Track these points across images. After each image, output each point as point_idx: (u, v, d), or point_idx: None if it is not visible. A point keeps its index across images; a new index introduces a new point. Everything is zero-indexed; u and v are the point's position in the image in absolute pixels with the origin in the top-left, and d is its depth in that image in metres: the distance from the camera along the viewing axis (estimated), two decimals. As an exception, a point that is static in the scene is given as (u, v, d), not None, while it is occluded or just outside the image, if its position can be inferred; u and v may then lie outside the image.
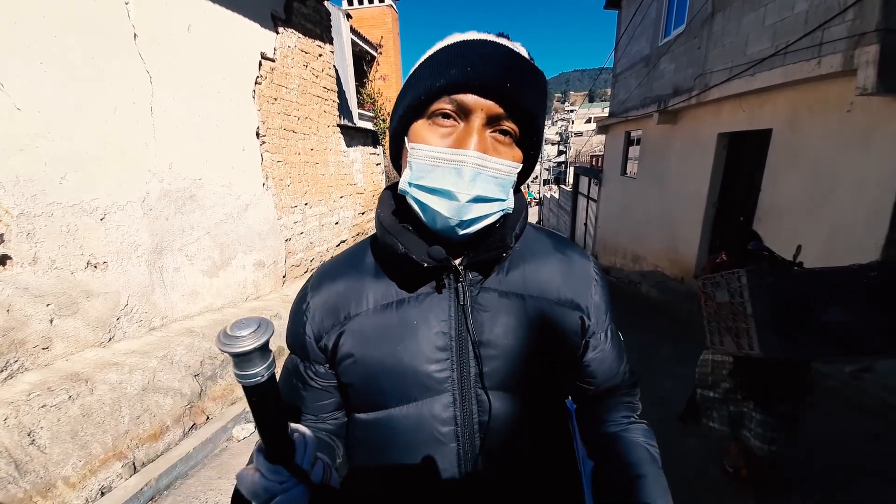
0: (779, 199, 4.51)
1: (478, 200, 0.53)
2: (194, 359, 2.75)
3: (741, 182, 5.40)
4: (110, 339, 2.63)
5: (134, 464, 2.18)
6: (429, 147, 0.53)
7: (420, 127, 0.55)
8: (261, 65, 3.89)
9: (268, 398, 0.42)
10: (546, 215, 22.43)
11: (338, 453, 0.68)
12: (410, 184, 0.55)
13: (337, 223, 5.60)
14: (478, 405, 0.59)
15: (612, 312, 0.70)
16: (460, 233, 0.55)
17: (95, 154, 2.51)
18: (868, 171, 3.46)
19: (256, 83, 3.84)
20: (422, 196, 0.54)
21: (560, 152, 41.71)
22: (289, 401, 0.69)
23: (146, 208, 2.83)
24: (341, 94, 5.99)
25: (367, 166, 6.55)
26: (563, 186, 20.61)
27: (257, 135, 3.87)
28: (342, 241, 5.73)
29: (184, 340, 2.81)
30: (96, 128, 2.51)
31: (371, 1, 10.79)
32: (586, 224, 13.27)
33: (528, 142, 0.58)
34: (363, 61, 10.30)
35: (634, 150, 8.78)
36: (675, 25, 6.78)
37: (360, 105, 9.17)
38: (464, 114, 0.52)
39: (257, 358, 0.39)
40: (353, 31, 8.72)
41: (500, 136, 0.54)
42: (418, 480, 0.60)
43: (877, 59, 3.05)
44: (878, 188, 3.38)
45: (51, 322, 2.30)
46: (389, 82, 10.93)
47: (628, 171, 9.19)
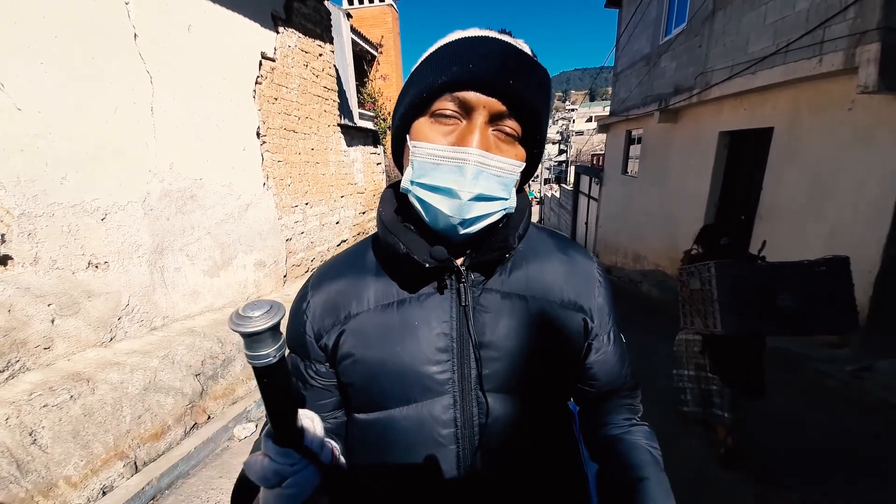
0: (780, 197, 4.50)
1: (480, 199, 0.52)
2: (195, 358, 2.76)
3: (742, 181, 5.39)
4: (112, 339, 2.63)
5: (135, 463, 2.19)
6: (430, 145, 0.53)
7: (422, 125, 0.54)
8: (261, 64, 3.89)
9: (278, 380, 0.42)
10: (547, 214, 22.42)
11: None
12: (412, 182, 0.54)
13: (338, 223, 5.60)
14: (478, 407, 0.58)
15: (614, 315, 0.70)
16: (462, 232, 0.55)
17: (96, 154, 2.52)
18: (869, 170, 3.46)
19: (257, 83, 3.85)
20: (424, 194, 0.53)
21: (561, 151, 41.72)
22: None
23: (147, 208, 2.84)
24: (342, 93, 5.99)
25: (368, 166, 6.55)
26: (563, 185, 20.60)
27: (258, 134, 3.88)
28: (343, 241, 5.73)
29: (185, 340, 2.82)
30: (97, 128, 2.52)
31: (371, 0, 10.78)
32: (587, 223, 13.26)
33: (532, 140, 0.57)
34: (363, 61, 10.30)
35: (635, 149, 8.76)
36: (676, 24, 6.77)
37: (361, 105, 9.17)
38: (466, 111, 0.52)
39: (268, 339, 0.40)
40: (354, 30, 8.72)
41: (503, 135, 0.54)
42: (418, 482, 0.59)
43: (878, 57, 3.05)
44: (879, 186, 3.37)
45: (52, 322, 2.30)
46: (390, 82, 10.92)
47: (629, 170, 9.17)
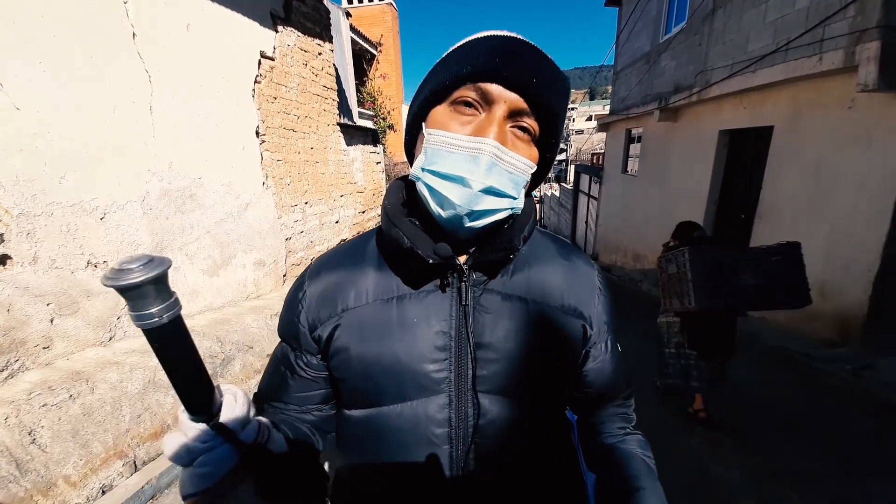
0: (780, 196, 4.50)
1: (490, 192, 0.52)
2: (195, 358, 2.76)
3: (742, 179, 5.39)
4: (111, 339, 2.63)
5: (135, 462, 2.18)
6: (446, 133, 0.52)
7: (440, 112, 0.54)
8: (260, 63, 3.88)
9: (173, 345, 0.38)
10: (546, 213, 22.39)
11: (315, 446, 0.66)
12: (423, 169, 0.54)
13: (337, 222, 5.60)
14: (473, 408, 0.58)
15: (613, 324, 0.69)
16: (467, 225, 0.54)
17: (95, 154, 2.51)
18: (869, 168, 3.45)
19: (256, 82, 3.84)
20: (434, 181, 0.52)
21: (561, 150, 41.73)
22: (274, 388, 0.67)
23: (146, 207, 2.83)
24: (341, 92, 5.98)
25: (368, 165, 6.55)
26: (563, 184, 20.56)
27: (257, 134, 3.87)
28: (342, 240, 5.73)
29: (184, 339, 2.81)
30: (96, 127, 2.51)
31: (371, -1, 10.78)
32: (587, 222, 13.25)
33: (546, 143, 0.57)
34: (363, 60, 10.29)
35: (635, 148, 8.76)
36: (676, 22, 6.77)
37: (360, 104, 9.17)
38: (487, 103, 0.52)
39: (151, 295, 0.35)
40: (353, 29, 8.72)
41: (520, 133, 0.54)
42: (409, 481, 0.59)
43: (878, 55, 3.05)
44: (879, 185, 3.37)
45: (51, 321, 2.30)
46: (389, 81, 10.92)
47: (629, 169, 9.17)
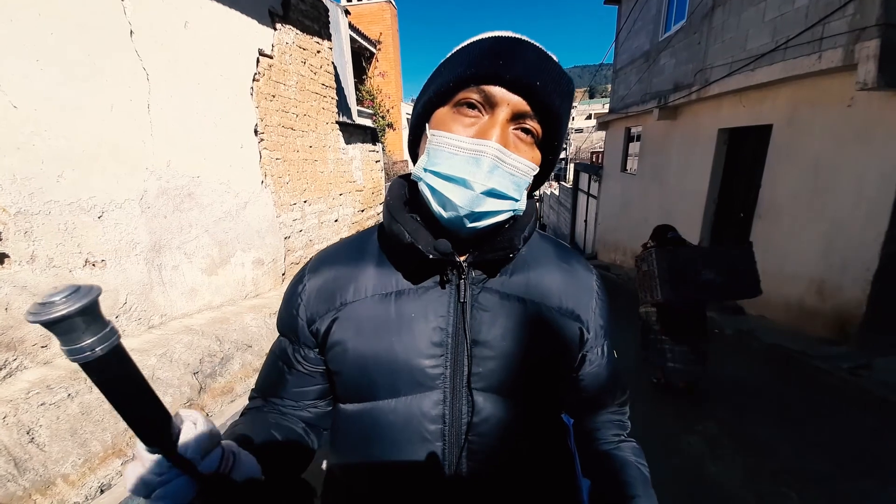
0: (779, 194, 4.50)
1: (491, 194, 0.52)
2: (193, 356, 2.75)
3: (741, 178, 5.39)
4: (109, 338, 2.63)
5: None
6: (449, 134, 0.53)
7: (443, 114, 0.54)
8: (258, 62, 3.87)
9: (113, 377, 0.34)
10: (546, 212, 22.37)
11: (309, 446, 0.66)
12: (426, 170, 0.54)
13: (336, 221, 5.59)
14: (468, 406, 0.58)
15: (609, 330, 0.70)
16: (468, 225, 0.54)
17: (93, 152, 2.50)
18: (868, 167, 3.45)
19: (254, 80, 3.83)
20: (435, 182, 0.53)
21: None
22: (271, 383, 0.67)
23: (144, 206, 2.83)
24: (340, 91, 5.97)
25: (367, 163, 6.54)
26: (563, 183, 20.54)
27: (255, 132, 3.86)
28: (340, 239, 5.72)
29: (183, 338, 2.81)
30: (93, 125, 2.50)
31: (370, -3, 10.76)
32: (586, 221, 13.25)
33: (549, 145, 0.57)
34: (362, 58, 10.27)
35: (634, 147, 8.75)
36: (676, 20, 6.76)
37: (359, 102, 9.15)
38: (490, 106, 0.52)
39: (80, 328, 0.32)
40: (352, 27, 8.70)
41: (523, 135, 0.54)
42: (400, 478, 0.59)
43: (877, 53, 3.04)
44: (878, 183, 3.37)
45: (49, 320, 2.30)
46: (388, 79, 10.90)
47: (628, 168, 9.17)
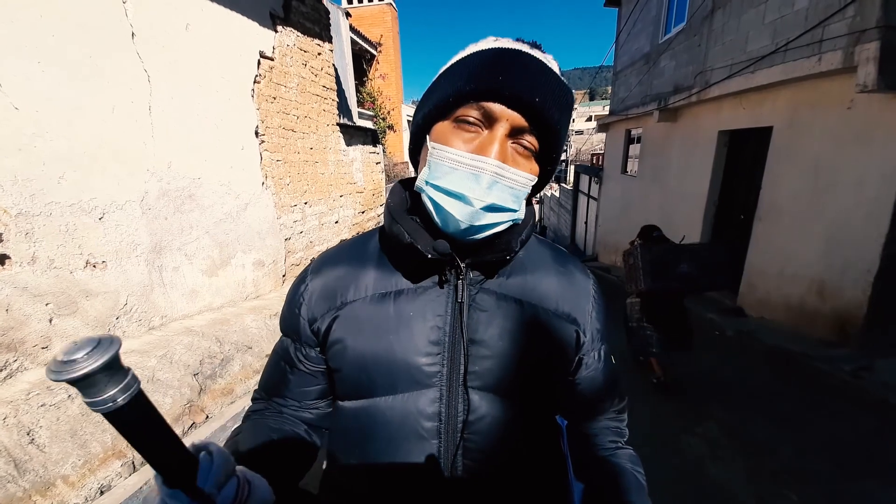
0: (779, 196, 4.50)
1: (491, 209, 0.53)
2: (194, 358, 2.75)
3: (742, 180, 5.39)
4: (110, 339, 2.63)
5: (133, 462, 2.18)
6: (450, 149, 0.54)
7: (444, 128, 0.55)
8: (259, 63, 3.88)
9: (136, 423, 0.36)
10: (546, 214, 22.37)
11: (311, 449, 0.67)
12: (427, 182, 0.55)
13: (337, 222, 5.60)
14: (464, 404, 0.58)
15: (606, 335, 0.70)
16: (468, 238, 0.56)
17: (94, 153, 2.51)
18: (869, 169, 3.45)
19: (255, 82, 3.84)
20: (437, 196, 0.54)
21: (560, 151, 41.57)
22: (274, 383, 0.68)
23: (145, 207, 2.83)
24: (340, 92, 5.98)
25: (367, 165, 6.54)
26: (563, 185, 20.54)
27: (256, 134, 3.87)
28: (342, 241, 5.72)
29: (183, 340, 2.81)
30: (94, 127, 2.51)
31: (370, -1, 10.78)
32: (587, 222, 13.26)
33: (547, 157, 0.58)
34: (362, 60, 10.30)
35: (635, 149, 8.76)
36: (676, 23, 6.77)
37: (360, 104, 9.17)
38: (489, 122, 0.53)
39: (103, 381, 0.32)
40: (353, 29, 8.72)
41: (521, 149, 0.55)
42: (396, 474, 0.59)
43: (877, 55, 3.04)
44: (878, 185, 3.37)
45: (50, 321, 2.30)
46: (389, 81, 10.92)
47: (629, 170, 9.17)
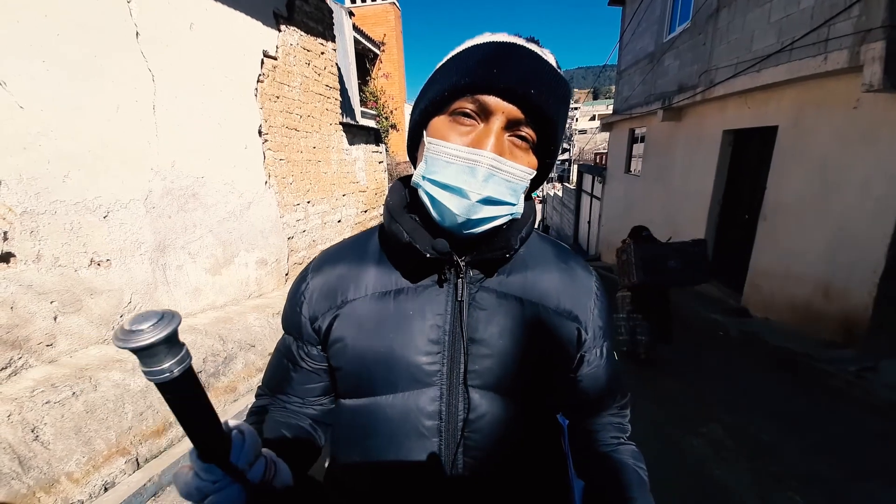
0: (784, 196, 4.47)
1: (488, 202, 0.53)
2: (197, 356, 2.76)
3: (746, 179, 5.36)
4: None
5: (137, 460, 2.20)
6: (445, 143, 0.53)
7: (440, 123, 0.55)
8: (263, 63, 3.89)
9: (185, 395, 0.39)
10: (549, 213, 22.34)
11: (317, 443, 0.68)
12: (424, 177, 0.55)
13: (339, 221, 5.61)
14: (464, 402, 0.59)
15: (609, 332, 0.70)
16: (465, 232, 0.55)
17: (98, 152, 2.52)
18: (874, 168, 3.43)
19: (258, 81, 3.85)
20: (433, 190, 0.54)
21: (564, 150, 41.59)
22: (277, 381, 0.69)
23: (149, 206, 2.84)
24: (344, 92, 5.99)
25: (370, 164, 6.55)
26: (566, 184, 20.52)
27: (259, 133, 3.88)
28: (343, 239, 5.73)
29: (186, 338, 2.77)
30: (99, 126, 2.52)
31: (374, -2, 10.78)
32: (590, 222, 13.23)
33: (545, 149, 0.58)
34: (366, 59, 10.30)
35: (638, 148, 8.73)
36: (680, 21, 6.74)
37: (363, 103, 9.18)
38: (484, 115, 0.53)
39: (163, 352, 0.36)
40: (356, 28, 8.73)
41: (518, 141, 0.55)
42: (397, 472, 0.60)
43: (883, 55, 3.02)
44: (884, 186, 3.34)
45: (55, 319, 2.32)
46: (392, 80, 10.92)
47: (632, 169, 9.14)
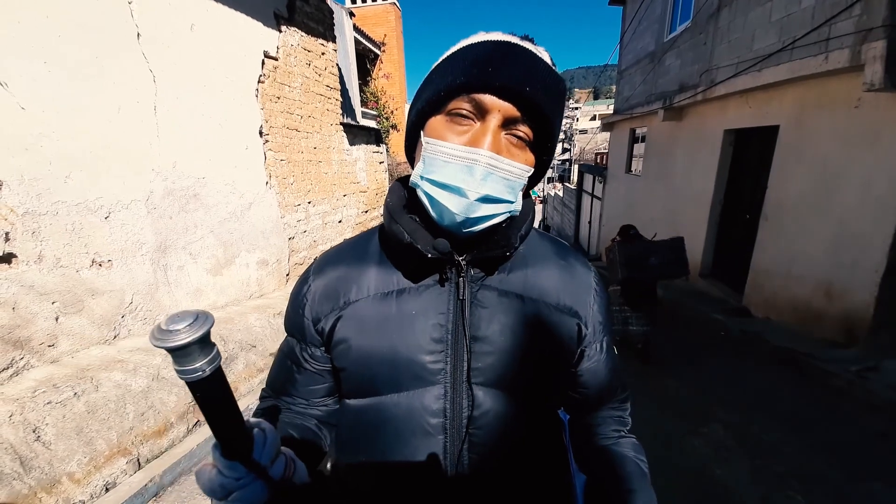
0: (786, 195, 4.46)
1: (486, 200, 0.53)
2: (198, 356, 2.77)
3: (747, 179, 5.35)
4: (115, 337, 2.65)
5: (138, 460, 2.20)
6: (443, 143, 0.54)
7: (437, 122, 0.55)
8: (264, 63, 3.89)
9: (214, 394, 0.40)
10: (550, 213, 22.33)
11: (323, 443, 0.68)
12: (422, 177, 0.56)
13: (340, 221, 5.61)
14: (468, 400, 0.59)
15: (609, 326, 0.71)
16: (465, 231, 0.56)
17: (100, 153, 2.53)
18: (875, 168, 3.42)
19: (259, 82, 3.85)
20: (432, 190, 0.54)
21: (564, 150, 41.51)
22: (281, 382, 0.69)
23: (150, 207, 2.85)
24: (344, 92, 5.99)
25: (370, 165, 6.56)
26: (567, 184, 20.51)
27: (260, 133, 3.89)
28: (344, 240, 5.74)
29: (187, 338, 2.83)
30: (100, 127, 2.53)
31: (374, -1, 10.78)
32: (591, 222, 13.22)
33: (542, 147, 0.58)
34: (366, 59, 10.30)
35: (639, 148, 8.72)
36: (681, 21, 6.72)
37: (364, 103, 9.17)
38: (481, 114, 0.53)
39: (196, 352, 0.37)
40: (356, 29, 8.73)
41: (515, 139, 0.55)
42: (403, 470, 0.60)
43: (884, 54, 3.01)
44: (885, 185, 3.34)
45: (56, 320, 2.32)
46: (392, 80, 10.92)
47: (633, 169, 9.13)
